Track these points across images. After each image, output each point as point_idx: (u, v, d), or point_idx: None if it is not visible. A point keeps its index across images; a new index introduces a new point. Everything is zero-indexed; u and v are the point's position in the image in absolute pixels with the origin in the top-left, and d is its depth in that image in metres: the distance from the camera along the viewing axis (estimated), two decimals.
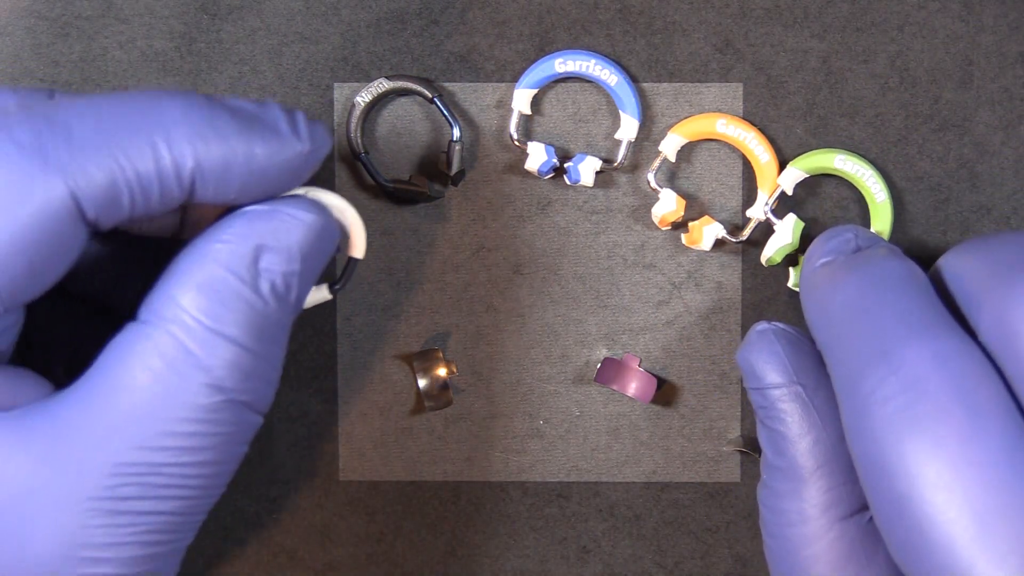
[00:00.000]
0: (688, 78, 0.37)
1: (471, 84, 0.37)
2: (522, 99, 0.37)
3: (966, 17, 0.37)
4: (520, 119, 0.37)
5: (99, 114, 0.27)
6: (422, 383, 0.37)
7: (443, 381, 0.37)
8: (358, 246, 0.32)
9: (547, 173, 0.37)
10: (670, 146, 0.37)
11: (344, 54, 0.37)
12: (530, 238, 0.38)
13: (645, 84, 0.37)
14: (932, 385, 0.26)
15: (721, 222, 0.37)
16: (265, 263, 0.28)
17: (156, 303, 0.28)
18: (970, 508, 0.25)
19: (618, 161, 0.37)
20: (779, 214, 0.37)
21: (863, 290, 0.28)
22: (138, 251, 0.33)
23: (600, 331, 0.38)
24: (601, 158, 0.37)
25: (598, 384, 0.38)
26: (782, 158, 0.37)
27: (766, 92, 0.37)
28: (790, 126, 0.37)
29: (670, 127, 0.37)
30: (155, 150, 0.27)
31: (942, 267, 0.29)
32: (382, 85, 0.36)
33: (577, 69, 0.36)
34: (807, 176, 0.37)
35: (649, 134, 0.37)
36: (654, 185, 0.37)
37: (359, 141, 0.37)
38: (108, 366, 0.28)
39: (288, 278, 0.29)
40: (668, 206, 0.37)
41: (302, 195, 0.30)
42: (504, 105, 0.37)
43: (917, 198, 0.37)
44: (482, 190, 0.37)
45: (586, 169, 0.36)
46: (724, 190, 0.37)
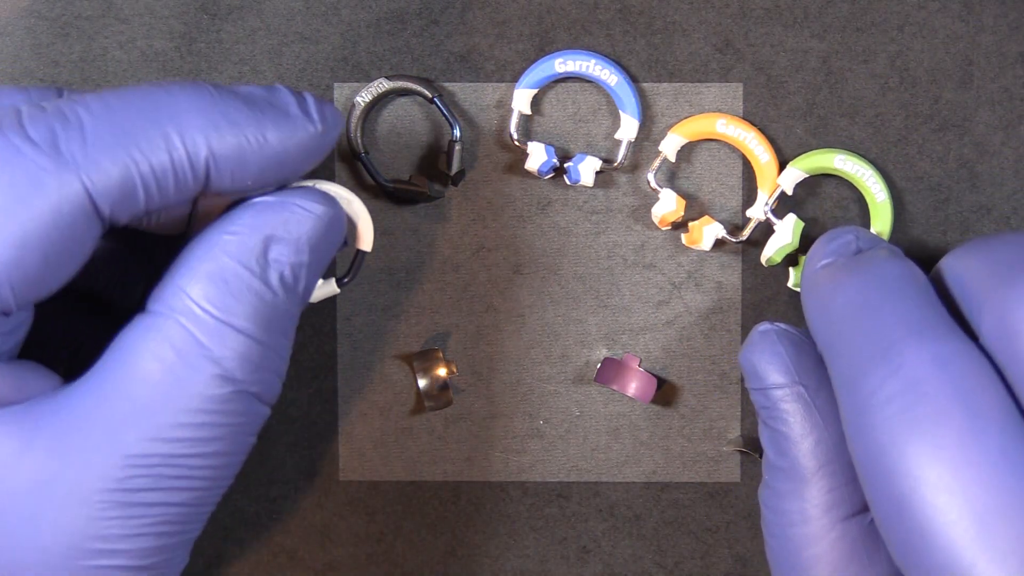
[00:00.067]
0: (688, 78, 0.37)
1: (471, 84, 0.37)
2: (522, 99, 0.37)
3: (966, 17, 0.37)
4: (520, 119, 0.37)
5: (110, 109, 0.27)
6: (422, 383, 0.37)
7: (443, 381, 0.37)
8: (366, 239, 0.32)
9: (547, 173, 0.37)
10: (670, 146, 0.37)
11: (344, 54, 0.37)
12: (530, 238, 0.38)
13: (645, 84, 0.37)
14: (932, 387, 0.26)
15: (721, 222, 0.37)
16: (274, 254, 0.28)
17: (165, 294, 0.28)
18: (970, 509, 0.25)
19: (618, 161, 0.37)
20: (779, 214, 0.37)
21: (864, 292, 0.28)
22: (141, 248, 0.33)
23: (600, 331, 0.38)
24: (601, 158, 0.37)
25: (598, 384, 0.38)
26: (782, 158, 0.37)
27: (766, 92, 0.37)
28: (790, 126, 0.37)
29: (670, 127, 0.37)
30: (168, 142, 0.27)
31: (943, 269, 0.29)
32: (382, 85, 0.36)
33: (577, 69, 0.36)
34: (807, 176, 0.37)
35: (649, 134, 0.37)
36: (654, 185, 0.37)
37: (359, 141, 0.37)
38: (118, 357, 0.28)
39: (297, 269, 0.29)
40: (668, 206, 0.37)
41: (311, 186, 0.30)
42: (504, 105, 0.37)
43: (917, 198, 0.37)
44: (482, 190, 0.37)
45: (586, 169, 0.36)
46: (724, 190, 0.37)
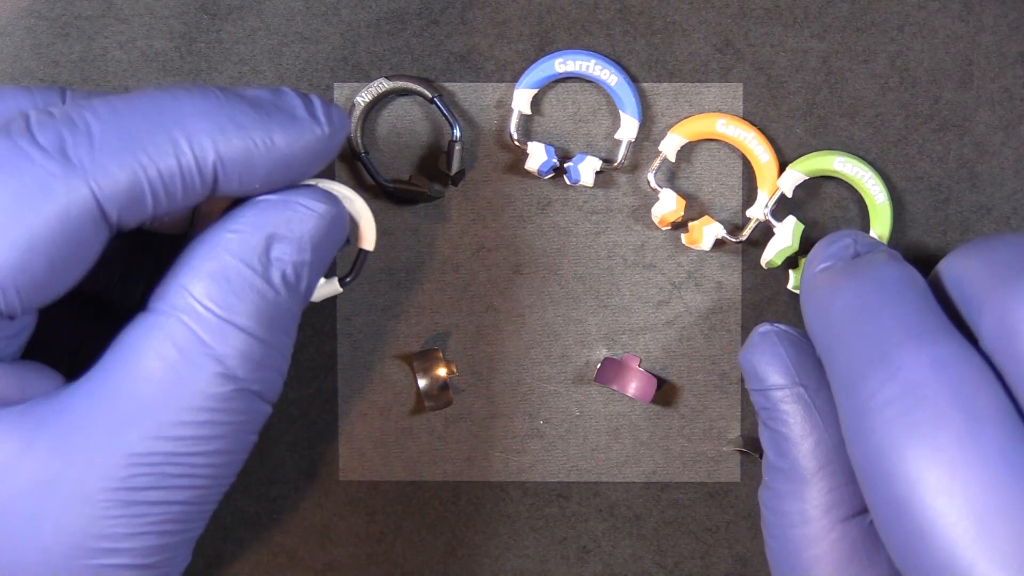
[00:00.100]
0: (688, 78, 0.37)
1: (471, 84, 0.37)
2: (522, 99, 0.37)
3: (966, 17, 0.37)
4: (520, 119, 0.37)
5: (118, 114, 0.27)
6: (422, 383, 0.37)
7: (443, 381, 0.37)
8: (368, 238, 0.32)
9: (547, 173, 0.37)
10: (670, 146, 0.37)
11: (344, 54, 0.37)
12: (530, 238, 0.38)
13: (645, 84, 0.37)
14: (931, 390, 0.26)
15: (721, 222, 0.37)
16: (276, 252, 0.29)
17: (168, 292, 0.28)
18: (970, 511, 0.25)
19: (618, 161, 0.37)
20: (779, 216, 0.37)
21: (862, 295, 0.28)
22: (143, 247, 0.33)
23: (600, 331, 0.38)
24: (601, 158, 0.37)
25: (598, 384, 0.38)
26: (782, 158, 0.37)
27: (766, 92, 0.37)
28: (790, 126, 0.37)
29: (670, 127, 0.37)
30: (176, 146, 0.27)
31: (942, 271, 0.29)
32: (382, 85, 0.36)
33: (577, 69, 0.36)
34: (807, 178, 0.37)
35: (649, 134, 0.37)
36: (654, 185, 0.37)
37: (359, 141, 0.37)
38: (120, 356, 0.28)
39: (299, 267, 0.29)
40: (668, 206, 0.37)
41: (313, 185, 0.30)
42: (504, 105, 0.37)
43: (917, 198, 0.37)
44: (482, 190, 0.37)
45: (586, 169, 0.36)
46: (724, 190, 0.37)
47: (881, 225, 0.36)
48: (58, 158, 0.26)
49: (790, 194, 0.37)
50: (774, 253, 0.36)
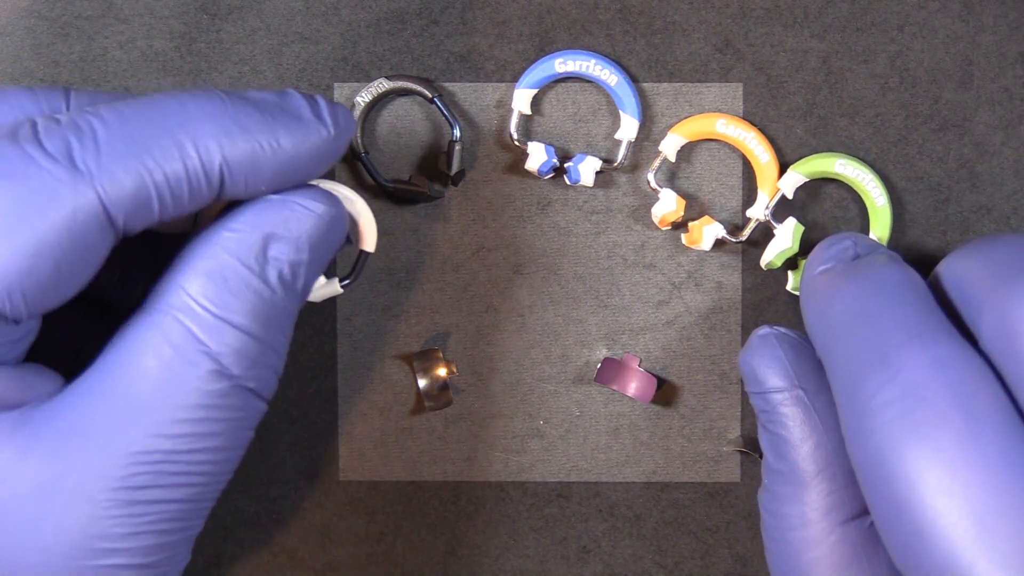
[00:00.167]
0: (688, 78, 0.37)
1: (471, 84, 0.37)
2: (522, 99, 0.37)
3: (966, 17, 0.37)
4: (520, 119, 0.37)
5: (123, 119, 0.27)
6: (422, 383, 0.37)
7: (443, 381, 0.37)
8: (369, 239, 0.32)
9: (547, 173, 0.37)
10: (670, 146, 0.37)
11: (344, 54, 0.37)
12: (530, 238, 0.38)
13: (645, 84, 0.37)
14: (931, 391, 0.26)
15: (721, 222, 0.37)
16: (274, 252, 0.29)
17: (165, 291, 0.28)
18: (970, 511, 0.25)
19: (618, 161, 0.37)
20: (779, 217, 0.37)
21: (862, 297, 0.28)
22: (144, 248, 0.33)
23: (600, 331, 0.38)
24: (601, 158, 0.37)
25: (598, 384, 0.38)
26: (782, 158, 0.37)
27: (766, 92, 0.37)
28: (790, 126, 0.37)
29: (670, 127, 0.37)
30: (182, 150, 0.27)
31: (941, 272, 0.29)
32: (382, 85, 0.36)
33: (577, 69, 0.36)
34: (807, 180, 0.37)
35: (649, 134, 0.37)
36: (654, 185, 0.37)
37: (359, 141, 0.37)
38: (117, 355, 0.28)
39: (296, 267, 0.29)
40: (668, 206, 0.37)
41: (313, 185, 0.30)
42: (504, 105, 0.37)
43: (917, 198, 0.37)
44: (482, 190, 0.37)
45: (586, 169, 0.36)
46: (724, 190, 0.37)
47: (881, 227, 0.36)
48: (65, 164, 0.26)
49: (790, 196, 0.37)
50: (774, 254, 0.36)
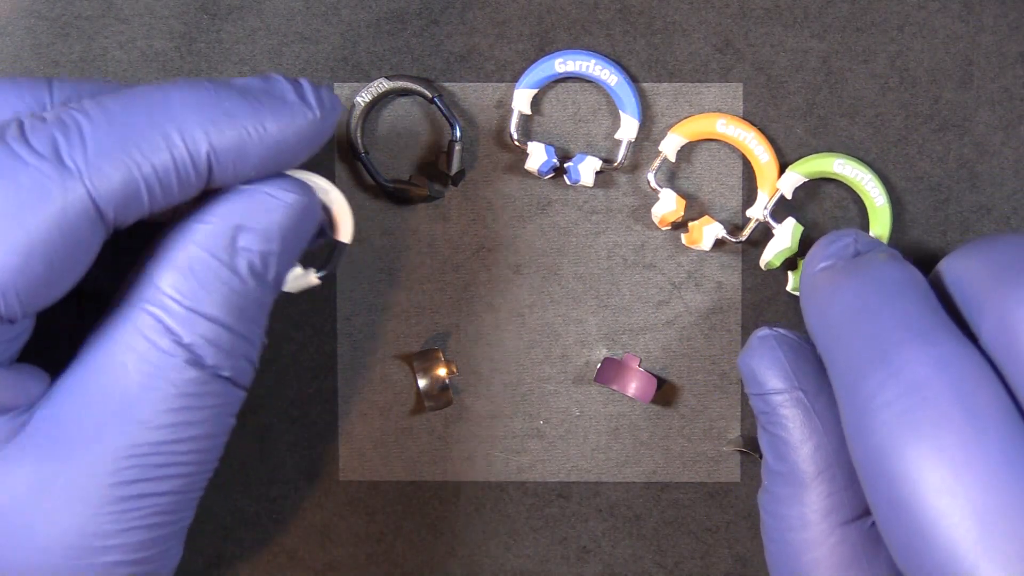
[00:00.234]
0: (688, 78, 0.37)
1: (471, 84, 0.37)
2: (522, 99, 0.37)
3: (966, 17, 0.37)
4: (520, 119, 0.37)
5: (109, 113, 0.27)
6: (422, 383, 0.37)
7: (443, 381, 0.37)
8: (344, 230, 0.32)
9: (547, 173, 0.37)
10: (670, 146, 0.37)
11: (344, 54, 0.37)
12: (530, 238, 0.38)
13: (645, 84, 0.37)
14: (932, 390, 0.26)
15: (721, 222, 0.37)
16: (243, 242, 0.29)
17: (137, 286, 0.29)
18: (972, 511, 0.25)
19: (618, 161, 0.37)
20: (778, 217, 0.37)
21: (863, 294, 0.28)
22: (138, 241, 0.33)
23: (600, 331, 0.38)
24: (601, 158, 0.37)
25: (598, 384, 0.38)
26: (782, 158, 0.37)
27: (766, 92, 0.37)
28: (790, 126, 0.37)
29: (670, 127, 0.37)
30: (168, 141, 0.27)
31: (942, 271, 0.29)
32: (382, 85, 0.36)
33: (577, 69, 0.36)
34: (806, 180, 0.37)
35: (649, 134, 0.37)
36: (654, 185, 0.37)
37: (359, 141, 0.37)
38: (96, 352, 0.28)
39: (266, 257, 0.29)
40: (668, 206, 0.37)
41: (287, 175, 0.30)
42: (504, 105, 0.37)
43: (917, 198, 0.37)
44: (482, 190, 0.37)
45: (586, 169, 0.36)
46: (724, 190, 0.37)
47: (880, 227, 0.36)
48: (53, 161, 0.26)
49: (790, 196, 0.37)
50: (773, 254, 0.36)
